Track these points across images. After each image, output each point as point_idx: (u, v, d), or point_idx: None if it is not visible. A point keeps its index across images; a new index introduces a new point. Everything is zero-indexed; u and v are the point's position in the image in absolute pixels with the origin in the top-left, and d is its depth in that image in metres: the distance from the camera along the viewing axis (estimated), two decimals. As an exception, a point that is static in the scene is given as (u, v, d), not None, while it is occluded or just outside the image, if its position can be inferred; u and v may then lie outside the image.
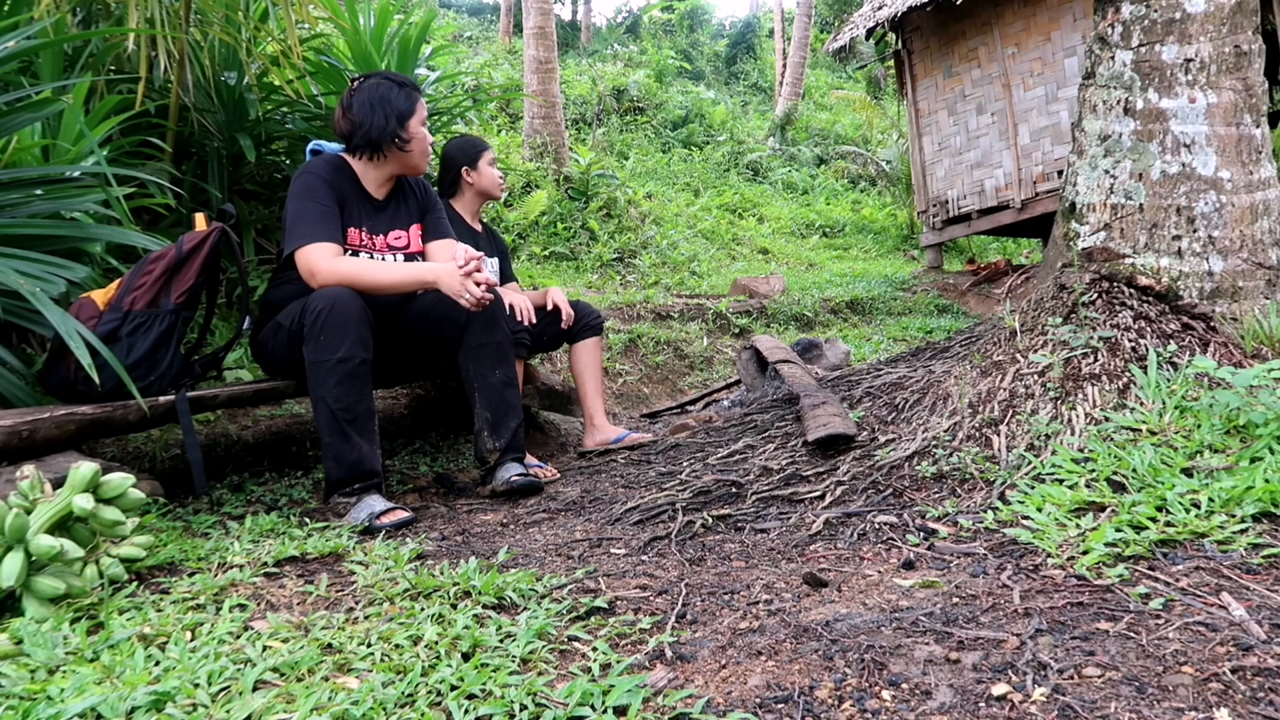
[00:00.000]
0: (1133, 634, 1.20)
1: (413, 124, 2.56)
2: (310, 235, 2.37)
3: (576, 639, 1.36)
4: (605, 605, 1.49)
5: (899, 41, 8.71)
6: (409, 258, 2.63)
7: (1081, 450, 1.92)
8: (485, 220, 3.57)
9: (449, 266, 2.41)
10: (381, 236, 2.60)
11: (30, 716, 1.11)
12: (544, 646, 1.31)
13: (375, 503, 2.26)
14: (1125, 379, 2.09)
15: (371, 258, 2.55)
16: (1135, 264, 2.40)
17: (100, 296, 2.27)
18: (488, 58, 14.05)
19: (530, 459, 2.97)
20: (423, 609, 1.50)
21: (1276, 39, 6.54)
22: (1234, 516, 1.56)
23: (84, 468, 1.64)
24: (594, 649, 1.30)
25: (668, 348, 5.48)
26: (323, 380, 2.26)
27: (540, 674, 1.22)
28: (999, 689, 1.07)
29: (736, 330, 6.09)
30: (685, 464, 2.63)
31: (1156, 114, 2.41)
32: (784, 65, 17.67)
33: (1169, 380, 2.05)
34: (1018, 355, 2.27)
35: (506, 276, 3.51)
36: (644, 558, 1.84)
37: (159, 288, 2.27)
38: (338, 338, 2.25)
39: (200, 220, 2.42)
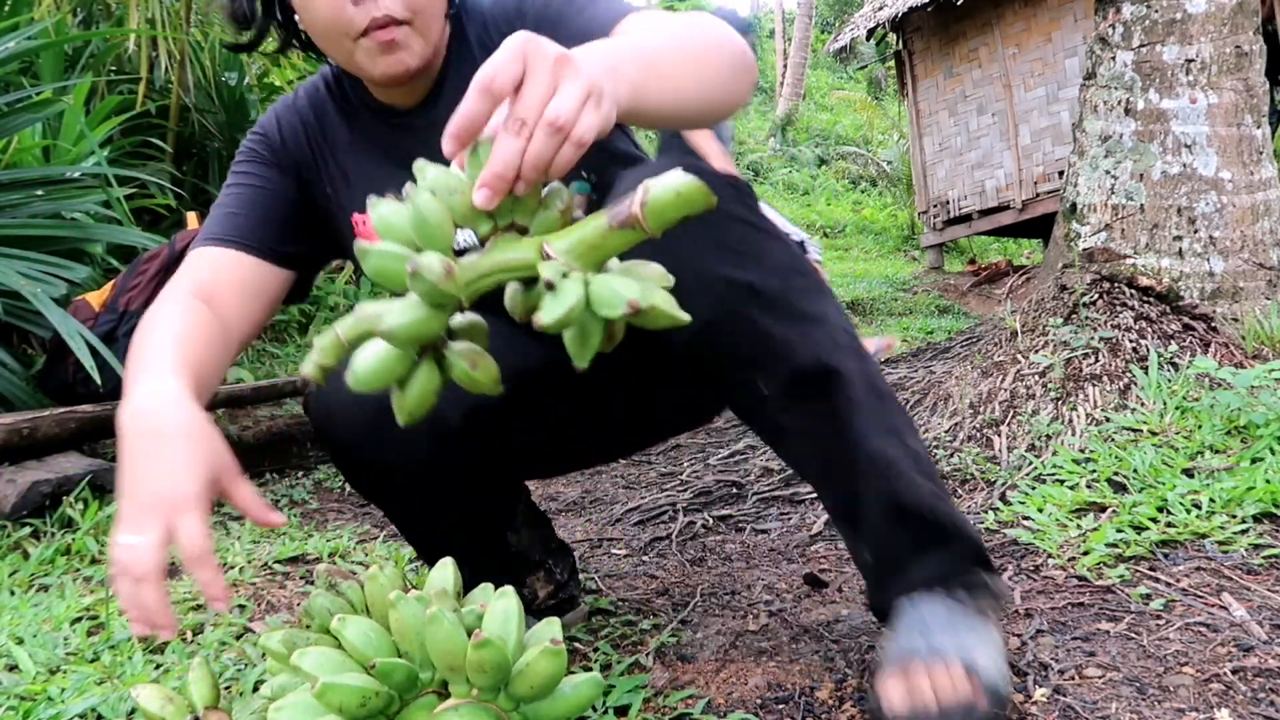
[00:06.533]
0: (1133, 634, 1.20)
1: None
2: None
3: (577, 639, 1.36)
4: (606, 606, 1.49)
5: (900, 42, 8.71)
6: None
7: (1082, 451, 1.92)
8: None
9: None
10: None
11: (30, 716, 1.11)
12: (544, 647, 1.31)
13: None
14: (1126, 379, 2.09)
15: None
16: (1136, 264, 2.40)
17: (95, 298, 2.27)
18: (488, 58, 14.03)
19: None
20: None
21: (1277, 40, 6.54)
22: (1235, 517, 1.56)
23: None
24: (595, 649, 1.30)
25: (668, 348, 5.47)
26: None
27: (541, 674, 1.22)
28: (1000, 689, 1.07)
29: (737, 331, 6.09)
30: (686, 464, 2.63)
31: (1157, 114, 2.41)
32: (784, 66, 17.66)
33: (1170, 381, 2.05)
34: (1018, 356, 2.27)
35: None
36: (645, 558, 1.84)
37: (153, 287, 2.27)
38: None
39: (192, 219, 2.43)
